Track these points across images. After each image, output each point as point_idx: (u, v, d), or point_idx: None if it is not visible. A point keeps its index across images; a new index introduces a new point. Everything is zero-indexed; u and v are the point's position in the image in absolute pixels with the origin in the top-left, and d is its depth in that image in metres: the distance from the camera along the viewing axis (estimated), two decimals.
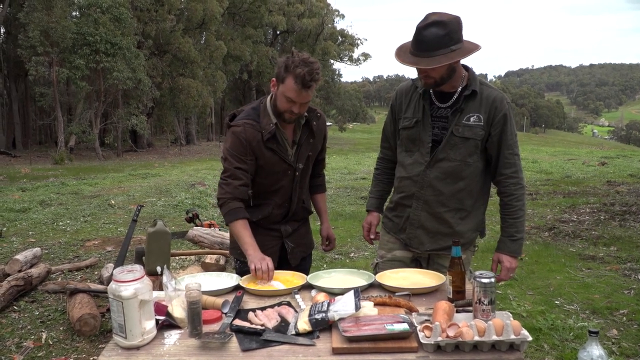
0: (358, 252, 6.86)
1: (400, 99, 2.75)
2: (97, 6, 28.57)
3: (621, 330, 4.14)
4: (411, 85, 2.72)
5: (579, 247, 6.86)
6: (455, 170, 2.59)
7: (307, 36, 50.43)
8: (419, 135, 2.64)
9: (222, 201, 2.62)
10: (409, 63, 2.44)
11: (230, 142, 2.63)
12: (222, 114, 56.92)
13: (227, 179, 2.62)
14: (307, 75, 2.44)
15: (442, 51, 2.36)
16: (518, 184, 2.61)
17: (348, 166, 19.12)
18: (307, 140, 2.76)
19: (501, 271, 2.66)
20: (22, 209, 10.57)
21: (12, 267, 5.34)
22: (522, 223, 2.65)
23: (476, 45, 2.46)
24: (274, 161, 2.67)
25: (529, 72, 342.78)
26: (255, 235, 2.57)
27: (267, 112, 2.64)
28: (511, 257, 2.64)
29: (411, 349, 1.76)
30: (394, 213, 2.84)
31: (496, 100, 2.54)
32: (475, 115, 2.53)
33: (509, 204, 2.63)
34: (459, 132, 2.54)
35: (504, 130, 2.55)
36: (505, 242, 2.66)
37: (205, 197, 11.84)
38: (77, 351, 3.99)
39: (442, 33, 2.35)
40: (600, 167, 17.03)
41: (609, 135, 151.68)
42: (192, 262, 6.22)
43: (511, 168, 2.59)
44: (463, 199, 2.65)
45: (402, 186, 2.75)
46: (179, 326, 1.98)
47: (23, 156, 29.56)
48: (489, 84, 2.64)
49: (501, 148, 2.57)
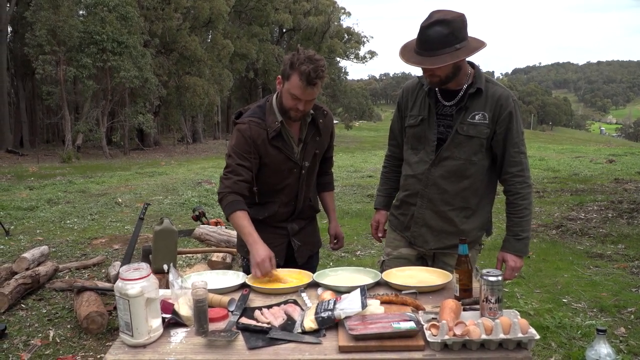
0: (365, 250, 6.85)
1: (407, 96, 2.74)
2: (103, 5, 28.60)
3: (629, 328, 4.11)
4: (417, 83, 2.71)
5: (587, 245, 6.82)
6: (460, 169, 2.58)
7: (313, 34, 50.38)
8: (424, 133, 2.62)
9: (221, 195, 2.61)
10: (414, 62, 2.42)
11: (235, 139, 2.64)
12: (228, 112, 56.95)
13: (228, 174, 2.62)
14: (312, 72, 2.43)
15: (447, 50, 2.34)
16: (524, 183, 2.57)
17: (354, 164, 19.11)
18: (314, 138, 2.76)
19: (505, 270, 2.63)
20: (29, 207, 10.62)
21: (20, 265, 5.36)
22: (527, 222, 2.61)
23: (481, 42, 2.44)
24: (280, 159, 2.67)
25: (536, 70, 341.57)
26: (261, 234, 2.55)
27: (273, 110, 2.64)
28: (516, 257, 2.61)
29: (418, 347, 1.75)
30: (400, 211, 2.83)
31: (502, 98, 2.51)
32: (481, 113, 2.51)
33: (514, 202, 2.60)
34: (464, 131, 2.53)
35: (509, 129, 2.52)
36: (510, 241, 2.62)
37: (211, 195, 11.84)
38: (85, 349, 4.00)
39: (446, 32, 2.34)
40: (608, 164, 16.95)
41: (617, 132, 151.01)
42: (198, 260, 6.22)
43: (517, 166, 2.56)
44: (468, 197, 2.63)
45: (408, 184, 2.74)
46: (186, 324, 1.98)
47: (30, 155, 29.70)
48: (496, 81, 2.62)
49: (507, 146, 2.54)
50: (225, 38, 39.30)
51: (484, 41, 2.44)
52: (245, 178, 2.61)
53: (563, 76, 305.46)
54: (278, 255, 2.72)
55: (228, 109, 54.04)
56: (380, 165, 3.11)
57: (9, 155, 29.06)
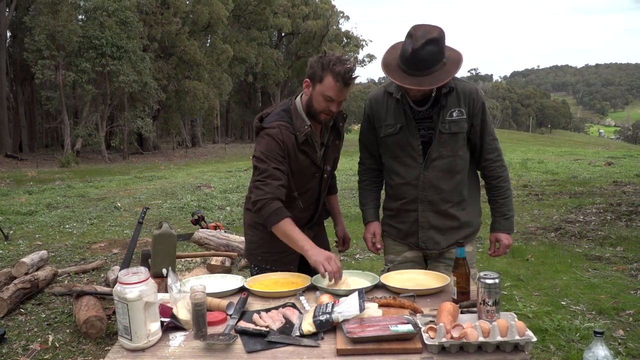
0: (363, 253, 6.85)
1: (376, 107, 2.75)
2: (103, 9, 28.68)
3: (627, 330, 4.12)
4: (384, 92, 2.74)
5: (585, 247, 6.83)
6: (451, 166, 2.66)
7: (312, 38, 50.46)
8: (407, 140, 2.66)
9: (261, 203, 2.45)
10: (410, 84, 2.45)
11: (266, 143, 2.53)
12: (227, 117, 57.03)
13: (265, 179, 2.48)
14: (347, 72, 2.44)
15: (437, 67, 2.44)
16: (502, 166, 2.77)
17: (353, 167, 19.04)
18: (334, 142, 2.76)
19: (500, 248, 2.82)
20: (28, 211, 10.62)
21: (19, 269, 5.37)
22: (511, 201, 2.81)
23: (458, 52, 2.55)
24: (306, 164, 2.62)
25: (534, 72, 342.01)
26: (278, 240, 2.49)
27: (299, 114, 2.59)
28: (508, 234, 2.80)
29: (415, 350, 1.76)
30: (397, 220, 2.84)
31: (472, 92, 2.64)
32: (457, 109, 2.61)
33: (497, 185, 2.78)
34: (446, 129, 2.61)
35: (484, 119, 2.68)
36: (500, 222, 2.80)
37: (210, 199, 11.86)
38: (84, 353, 4.00)
39: (436, 50, 2.42)
40: (607, 167, 16.96)
41: (616, 135, 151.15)
42: (197, 264, 6.23)
43: (494, 152, 2.74)
44: (462, 190, 2.73)
45: (402, 192, 2.75)
46: (184, 328, 1.98)
47: (29, 159, 29.70)
48: (459, 77, 2.70)
49: (484, 136, 2.70)
50: (224, 42, 39.39)
51: (458, 50, 2.55)
52: (284, 183, 2.51)
53: (561, 79, 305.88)
54: (292, 262, 2.72)
55: (227, 113, 54.10)
56: None
57: (8, 160, 29.07)
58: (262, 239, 2.72)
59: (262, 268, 2.73)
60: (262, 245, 2.75)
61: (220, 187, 14.15)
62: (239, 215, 9.55)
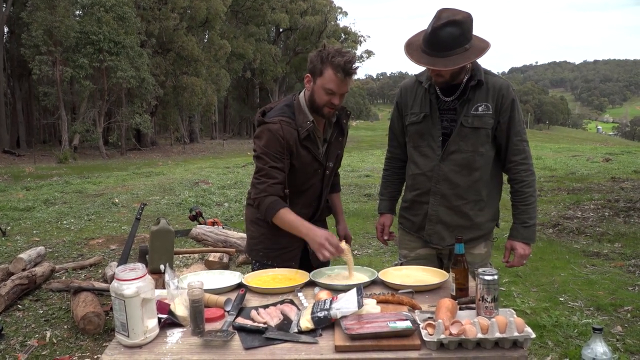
0: (362, 249, 6.85)
1: (405, 95, 2.73)
2: (100, 5, 28.61)
3: (626, 326, 4.12)
4: (415, 81, 2.71)
5: (583, 243, 6.84)
6: (469, 161, 2.58)
7: (310, 34, 50.43)
8: (428, 130, 2.62)
9: (258, 200, 2.53)
10: (425, 64, 2.42)
11: (266, 139, 2.53)
12: (225, 113, 56.97)
13: (261, 178, 2.52)
14: (347, 63, 2.41)
15: (458, 51, 2.36)
16: (528, 170, 2.62)
17: (352, 163, 19.07)
18: (337, 138, 2.74)
19: (514, 258, 2.68)
20: (26, 207, 10.60)
21: (17, 265, 5.35)
22: (534, 209, 2.65)
23: (486, 42, 2.46)
24: (308, 160, 2.61)
25: (532, 69, 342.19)
26: (279, 236, 2.51)
27: (302, 109, 2.58)
28: (524, 244, 2.67)
29: (414, 346, 1.75)
30: (411, 212, 2.81)
31: (502, 87, 2.55)
32: (484, 104, 2.54)
33: (520, 190, 2.64)
34: (469, 123, 2.54)
35: (512, 117, 2.56)
36: (518, 229, 2.67)
37: (208, 195, 11.85)
38: (81, 349, 3.99)
39: (458, 33, 2.34)
40: (605, 163, 16.98)
41: (614, 131, 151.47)
42: (195, 260, 6.22)
43: (520, 154, 2.61)
44: (480, 189, 2.63)
45: (417, 183, 2.72)
46: (182, 324, 1.97)
47: (27, 155, 29.65)
48: (493, 72, 2.64)
49: (510, 135, 2.58)
50: (222, 38, 39.33)
51: (488, 41, 2.46)
52: (280, 180, 2.53)
53: (560, 75, 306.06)
54: (293, 259, 2.70)
55: (225, 109, 54.04)
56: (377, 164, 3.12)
57: (6, 155, 29.02)
58: (263, 234, 2.72)
59: (263, 264, 2.72)
60: (263, 240, 2.74)
61: (218, 183, 14.14)
62: (237, 211, 9.55)
